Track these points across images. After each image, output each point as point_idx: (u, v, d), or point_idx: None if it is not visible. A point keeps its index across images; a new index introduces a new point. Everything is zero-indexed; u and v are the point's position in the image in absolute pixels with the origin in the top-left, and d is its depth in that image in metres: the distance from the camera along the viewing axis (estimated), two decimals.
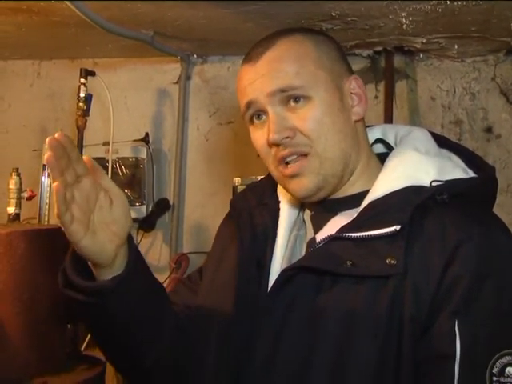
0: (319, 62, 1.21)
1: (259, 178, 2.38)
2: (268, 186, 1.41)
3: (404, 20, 1.97)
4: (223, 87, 2.68)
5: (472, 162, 1.25)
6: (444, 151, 1.28)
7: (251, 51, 1.24)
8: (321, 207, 1.27)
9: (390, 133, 1.34)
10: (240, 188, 2.47)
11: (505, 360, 1.03)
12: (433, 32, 2.12)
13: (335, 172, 1.21)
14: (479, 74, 2.41)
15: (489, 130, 2.40)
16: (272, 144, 1.19)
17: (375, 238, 1.12)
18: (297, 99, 1.19)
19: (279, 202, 1.35)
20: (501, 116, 2.40)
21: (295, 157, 1.19)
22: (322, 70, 1.20)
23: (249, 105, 1.22)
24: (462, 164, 1.25)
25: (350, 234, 1.14)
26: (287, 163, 1.20)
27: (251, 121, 1.25)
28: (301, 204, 1.33)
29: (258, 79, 1.20)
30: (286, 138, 1.18)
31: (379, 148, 1.34)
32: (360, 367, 1.08)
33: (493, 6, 1.79)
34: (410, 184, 1.16)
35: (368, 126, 1.33)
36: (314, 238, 1.23)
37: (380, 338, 1.07)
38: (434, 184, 1.15)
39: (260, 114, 1.22)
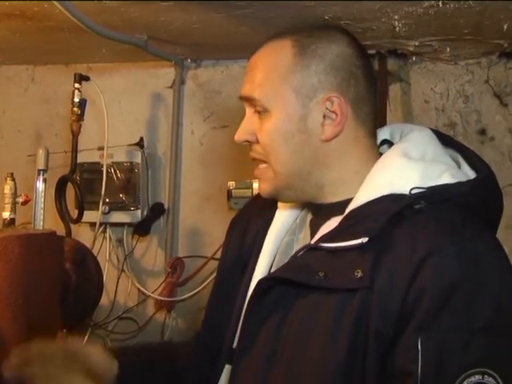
0: (288, 75, 1.19)
1: (254, 181, 2.43)
2: None
3: (396, 23, 1.97)
4: (217, 91, 2.68)
5: (472, 163, 1.24)
6: (450, 151, 1.26)
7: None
8: (318, 211, 1.28)
9: (396, 133, 1.33)
10: (235, 192, 2.49)
11: (474, 379, 1.00)
12: (425, 35, 2.12)
13: (289, 185, 1.24)
14: (472, 76, 2.41)
15: (482, 132, 2.41)
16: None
17: (348, 250, 1.10)
18: (259, 110, 1.22)
19: (276, 209, 1.37)
20: (494, 118, 2.40)
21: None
22: (286, 85, 1.19)
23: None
24: (466, 166, 1.23)
25: (324, 245, 1.14)
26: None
27: None
28: (303, 207, 1.34)
29: (244, 80, 1.25)
30: (246, 141, 1.25)
31: (385, 150, 1.32)
32: (325, 380, 1.07)
33: (485, 9, 1.78)
34: (389, 192, 1.14)
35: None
36: (309, 244, 1.22)
37: (344, 350, 1.06)
38: (413, 192, 1.12)
39: None
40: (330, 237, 1.15)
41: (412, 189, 1.13)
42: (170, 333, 2.66)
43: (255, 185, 2.47)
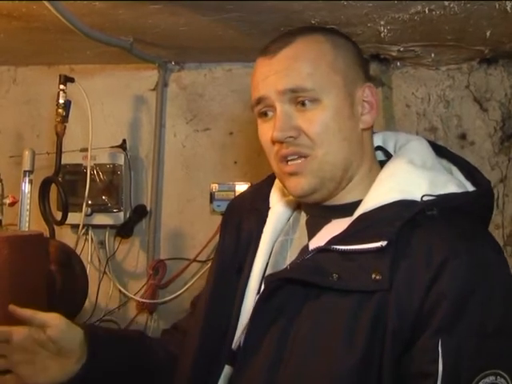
0: (335, 64, 1.22)
1: (236, 184, 2.44)
2: (264, 190, 1.43)
3: (382, 28, 1.99)
4: (200, 94, 2.69)
5: (470, 175, 1.27)
6: (444, 162, 1.30)
7: (270, 45, 1.25)
8: (316, 212, 1.29)
9: (389, 141, 1.36)
10: (217, 194, 2.50)
11: (488, 380, 1.03)
12: (409, 40, 2.15)
13: (333, 176, 1.23)
14: (453, 81, 2.45)
15: (463, 136, 2.44)
16: (275, 141, 1.22)
17: (363, 252, 1.13)
18: (306, 101, 1.20)
19: (268, 208, 1.38)
20: (474, 123, 2.44)
21: (296, 156, 1.21)
22: (336, 73, 1.21)
23: (259, 100, 1.24)
24: (461, 177, 1.26)
25: (337, 247, 1.16)
26: (288, 161, 1.23)
27: (260, 115, 1.27)
28: (296, 207, 1.36)
29: (272, 75, 1.21)
30: (290, 137, 1.20)
31: (379, 155, 1.35)
32: (340, 380, 1.09)
33: (470, 15, 1.81)
34: (400, 198, 1.17)
35: None
36: (307, 246, 1.25)
37: (361, 351, 1.08)
38: (424, 198, 1.16)
39: (269, 110, 1.24)
40: (342, 239, 1.17)
41: (423, 196, 1.16)
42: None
43: (238, 187, 2.48)
